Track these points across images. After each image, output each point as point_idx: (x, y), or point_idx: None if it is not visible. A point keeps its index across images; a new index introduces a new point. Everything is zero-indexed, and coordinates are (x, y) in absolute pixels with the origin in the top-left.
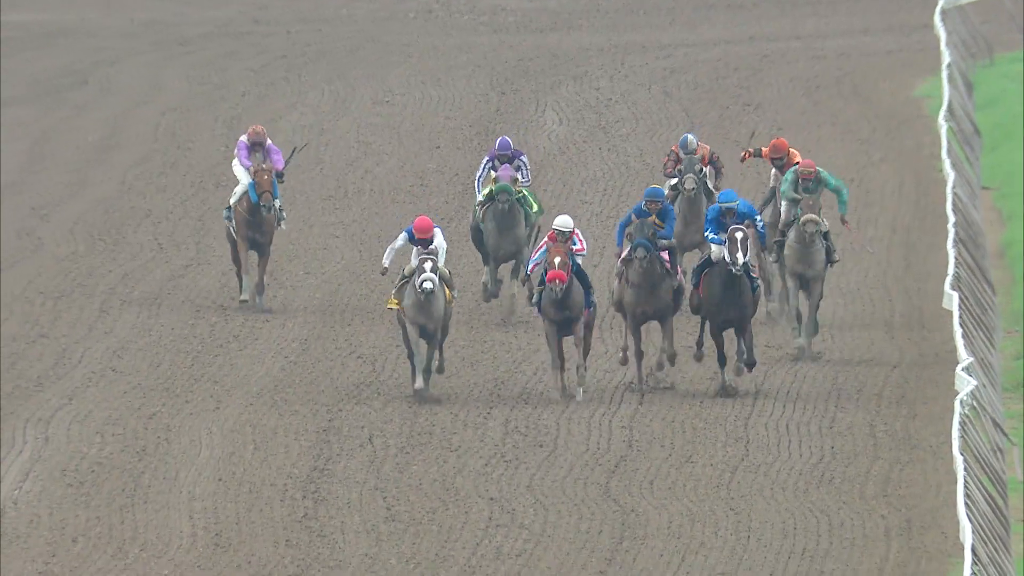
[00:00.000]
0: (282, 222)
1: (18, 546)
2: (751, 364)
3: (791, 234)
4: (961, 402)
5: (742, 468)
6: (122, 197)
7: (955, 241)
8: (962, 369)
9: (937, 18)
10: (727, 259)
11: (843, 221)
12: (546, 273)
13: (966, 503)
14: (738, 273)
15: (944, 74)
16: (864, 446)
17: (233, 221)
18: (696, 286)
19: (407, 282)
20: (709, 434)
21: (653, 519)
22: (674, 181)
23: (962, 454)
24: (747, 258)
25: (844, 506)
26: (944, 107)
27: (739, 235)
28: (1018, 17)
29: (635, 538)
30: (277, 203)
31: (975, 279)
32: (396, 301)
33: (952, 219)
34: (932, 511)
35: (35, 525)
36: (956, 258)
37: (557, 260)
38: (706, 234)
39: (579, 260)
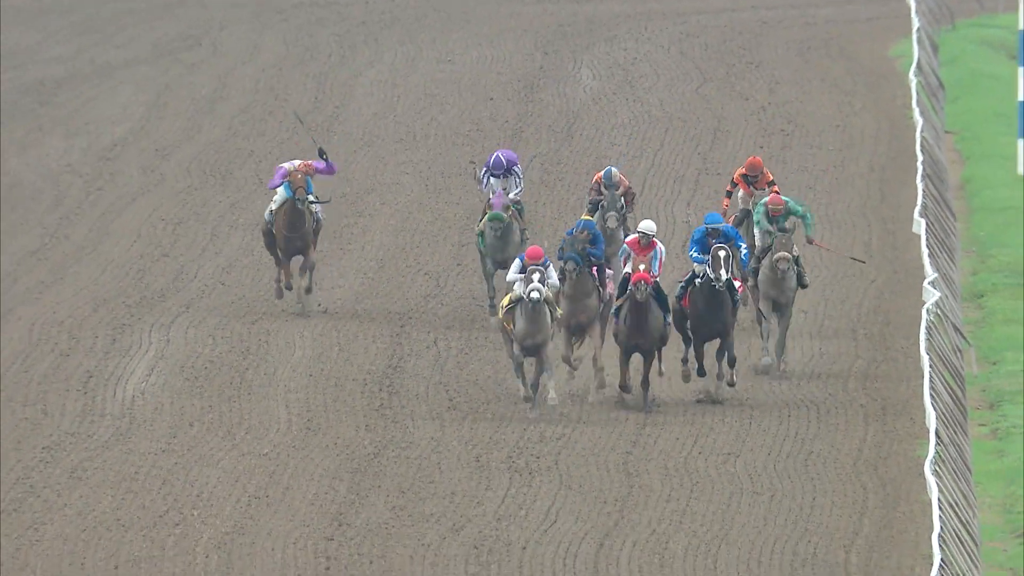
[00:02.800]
0: (317, 223)
1: (145, 429)
2: (732, 361)
3: (765, 263)
4: (927, 310)
5: (745, 365)
6: (229, 140)
7: (923, 176)
8: (928, 283)
9: None
10: (711, 275)
11: (810, 241)
12: (630, 277)
13: (931, 394)
14: (720, 288)
15: (914, 37)
16: (847, 347)
17: (274, 225)
18: (680, 300)
19: (517, 306)
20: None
21: (671, 408)
22: (594, 209)
23: (928, 354)
24: (729, 274)
25: (830, 397)
26: (914, 65)
27: (722, 253)
28: None
29: (655, 424)
30: (312, 200)
31: (939, 208)
32: (507, 323)
33: (920, 158)
34: (903, 401)
35: (159, 412)
36: (923, 191)
37: (642, 266)
38: (690, 253)
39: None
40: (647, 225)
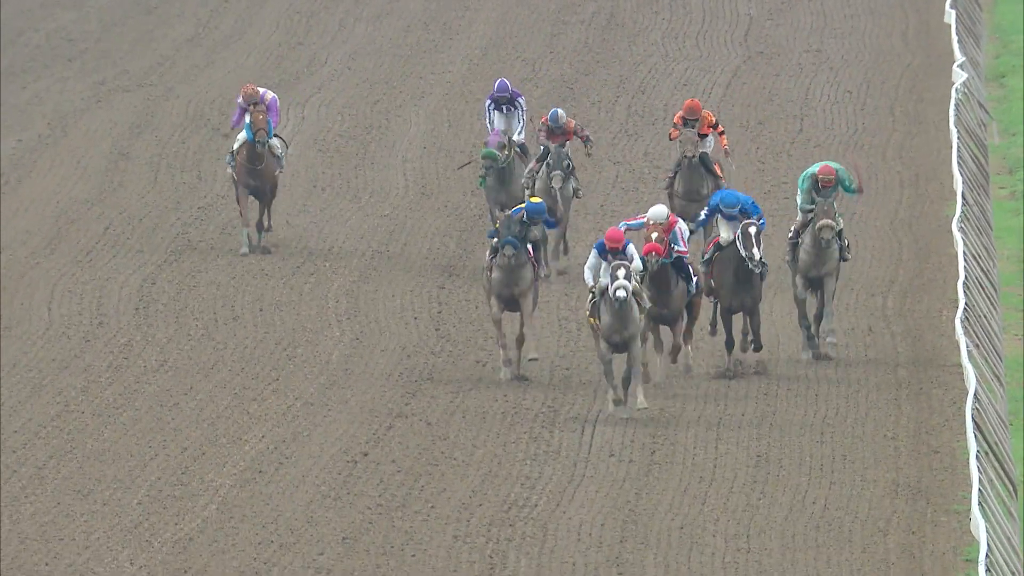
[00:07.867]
0: (280, 170)
1: (284, 192)
2: (758, 348)
3: (806, 238)
4: (956, 89)
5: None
6: None
7: None
8: (957, 66)
9: None
10: (743, 253)
11: (860, 190)
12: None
13: (958, 161)
14: (755, 269)
15: None
16: (885, 123)
17: (234, 169)
18: (707, 273)
19: (600, 299)
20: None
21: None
22: (544, 156)
23: (956, 127)
24: (761, 253)
25: (871, 165)
26: None
27: (752, 229)
28: None
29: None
30: (276, 144)
31: None
32: (593, 318)
33: None
34: (934, 167)
35: (295, 178)
36: None
37: (655, 235)
38: (700, 218)
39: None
40: (658, 212)
